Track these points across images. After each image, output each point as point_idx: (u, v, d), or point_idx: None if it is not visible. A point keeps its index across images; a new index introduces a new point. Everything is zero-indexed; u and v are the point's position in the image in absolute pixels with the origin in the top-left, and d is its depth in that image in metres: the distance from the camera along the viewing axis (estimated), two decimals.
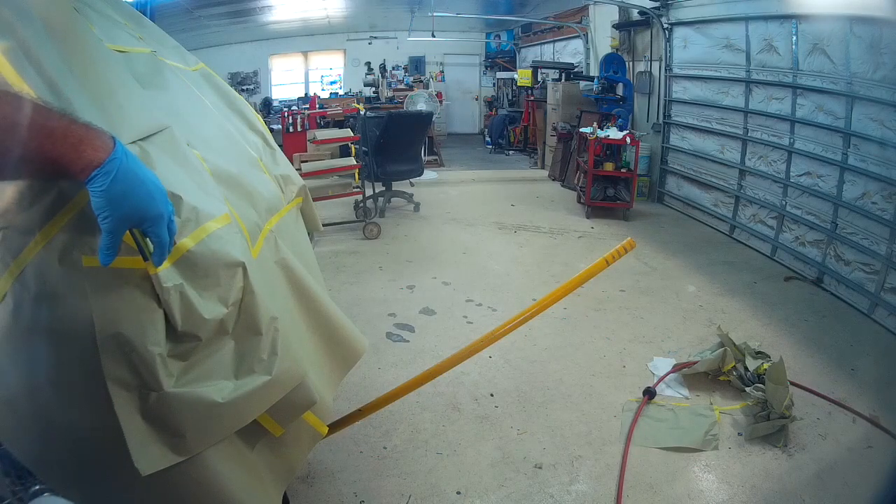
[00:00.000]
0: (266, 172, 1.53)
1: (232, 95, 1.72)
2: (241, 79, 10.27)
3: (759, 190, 4.63)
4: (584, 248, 4.62)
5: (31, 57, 0.87)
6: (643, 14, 5.88)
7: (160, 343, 0.93)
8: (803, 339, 3.04)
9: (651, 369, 2.73)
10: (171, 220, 0.84)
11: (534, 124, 8.84)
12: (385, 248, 4.54)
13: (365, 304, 3.42)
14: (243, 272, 1.04)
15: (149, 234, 0.81)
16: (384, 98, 8.82)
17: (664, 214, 5.75)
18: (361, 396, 2.23)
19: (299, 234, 1.66)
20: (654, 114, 6.09)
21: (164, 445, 0.93)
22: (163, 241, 0.82)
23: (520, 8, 9.30)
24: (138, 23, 1.47)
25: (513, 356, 2.83)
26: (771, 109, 4.42)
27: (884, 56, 3.32)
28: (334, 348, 1.48)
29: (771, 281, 3.95)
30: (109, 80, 1.07)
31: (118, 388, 0.90)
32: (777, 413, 2.21)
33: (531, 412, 2.41)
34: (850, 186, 3.64)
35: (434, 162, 8.22)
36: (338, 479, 1.99)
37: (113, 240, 0.76)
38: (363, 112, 5.15)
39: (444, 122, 10.56)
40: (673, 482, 2.01)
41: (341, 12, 9.37)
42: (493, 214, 5.57)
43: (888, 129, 3.33)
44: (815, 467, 2.09)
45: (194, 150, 1.18)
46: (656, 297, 3.61)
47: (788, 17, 4.10)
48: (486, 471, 2.05)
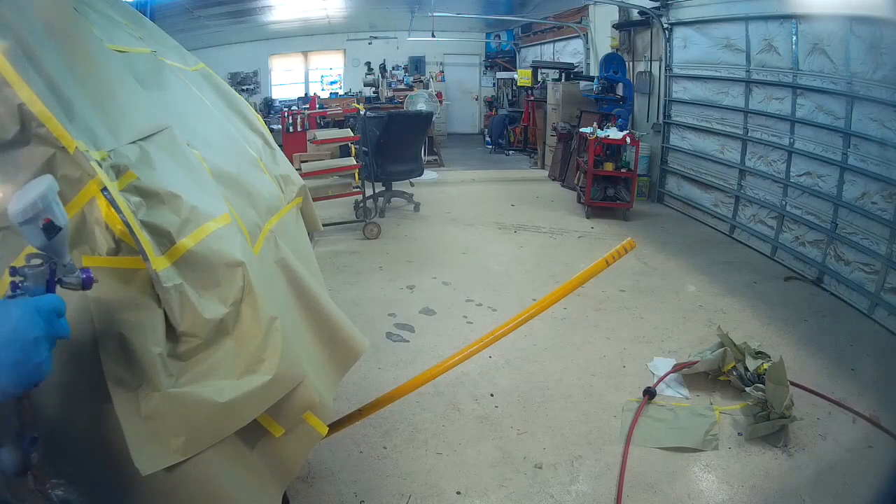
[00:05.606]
0: (266, 172, 1.53)
1: (232, 95, 1.72)
2: (241, 79, 10.26)
3: (759, 190, 4.63)
4: (584, 248, 4.62)
5: (31, 57, 0.87)
6: (643, 14, 5.88)
7: (160, 343, 0.93)
8: (803, 339, 3.04)
9: (651, 369, 2.73)
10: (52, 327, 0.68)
11: (534, 124, 8.84)
12: (385, 248, 4.54)
13: (365, 304, 3.42)
14: (243, 272, 1.04)
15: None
16: (384, 98, 8.82)
17: (664, 214, 5.75)
18: (361, 396, 2.23)
19: (299, 233, 1.66)
20: (654, 114, 6.09)
21: (164, 445, 0.93)
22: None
23: (520, 8, 9.30)
24: (138, 23, 1.47)
25: (513, 356, 2.82)
26: (771, 109, 4.42)
27: (884, 56, 3.32)
28: (334, 348, 1.48)
29: (771, 281, 3.95)
30: (110, 81, 1.07)
31: (118, 388, 0.90)
32: (777, 413, 2.20)
33: (531, 412, 2.41)
34: (850, 186, 3.64)
35: (434, 162, 8.22)
36: (338, 479, 1.99)
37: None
38: (363, 112, 5.15)
39: (444, 122, 10.55)
40: (673, 482, 2.01)
41: (341, 12, 9.36)
42: (493, 214, 5.57)
43: (888, 129, 3.33)
44: (815, 467, 2.09)
45: (194, 149, 1.19)
46: (656, 297, 3.61)
47: (788, 17, 4.10)
48: (486, 471, 2.05)
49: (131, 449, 0.89)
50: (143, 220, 0.93)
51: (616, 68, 6.41)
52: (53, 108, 0.86)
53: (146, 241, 0.91)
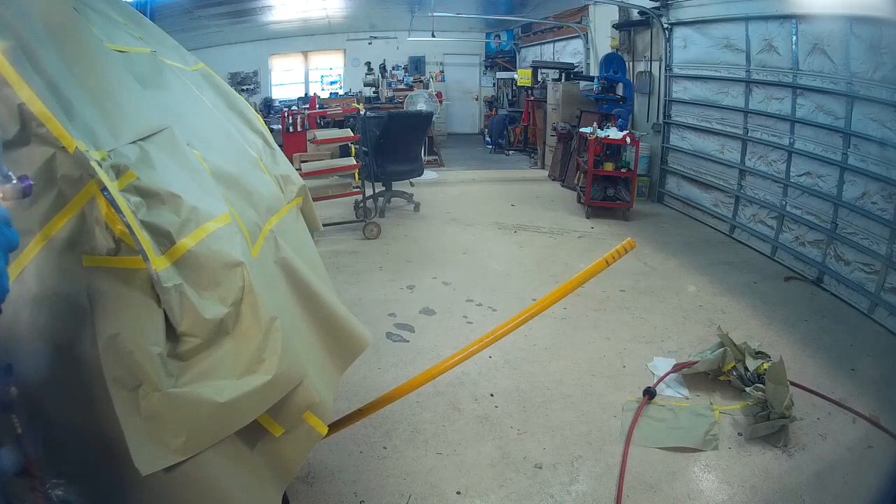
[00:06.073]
0: (266, 172, 1.53)
1: (232, 95, 1.72)
2: (241, 79, 10.26)
3: (759, 190, 4.63)
4: (584, 248, 4.62)
5: (31, 57, 0.87)
6: (643, 14, 5.88)
7: (160, 343, 0.93)
8: (803, 339, 3.04)
9: (651, 369, 2.73)
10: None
11: (534, 124, 8.84)
12: (385, 248, 4.54)
13: (365, 304, 3.42)
14: (243, 272, 1.04)
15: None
16: (384, 98, 8.82)
17: (664, 214, 5.75)
18: (361, 396, 2.23)
19: (301, 232, 1.66)
20: (654, 114, 6.08)
21: (164, 445, 0.93)
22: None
23: (520, 8, 9.30)
24: (138, 23, 1.47)
25: (513, 356, 2.82)
26: (771, 109, 4.42)
27: (884, 56, 3.32)
28: (336, 346, 1.48)
29: (771, 281, 3.95)
30: (109, 80, 1.07)
31: (118, 388, 0.90)
32: (777, 413, 2.20)
33: (531, 412, 2.41)
34: (850, 186, 3.64)
35: (434, 162, 8.22)
36: (338, 479, 1.99)
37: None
38: (363, 112, 5.15)
39: (444, 122, 10.54)
40: (673, 482, 2.01)
41: (341, 12, 9.36)
42: (493, 214, 5.57)
43: (888, 129, 3.33)
44: (815, 467, 2.09)
45: (194, 149, 1.19)
46: (656, 297, 3.61)
47: (788, 17, 4.10)
48: (486, 471, 2.05)
49: (131, 449, 0.89)
50: (143, 220, 0.93)
51: (616, 68, 6.41)
52: (53, 108, 0.86)
53: (146, 241, 0.91)
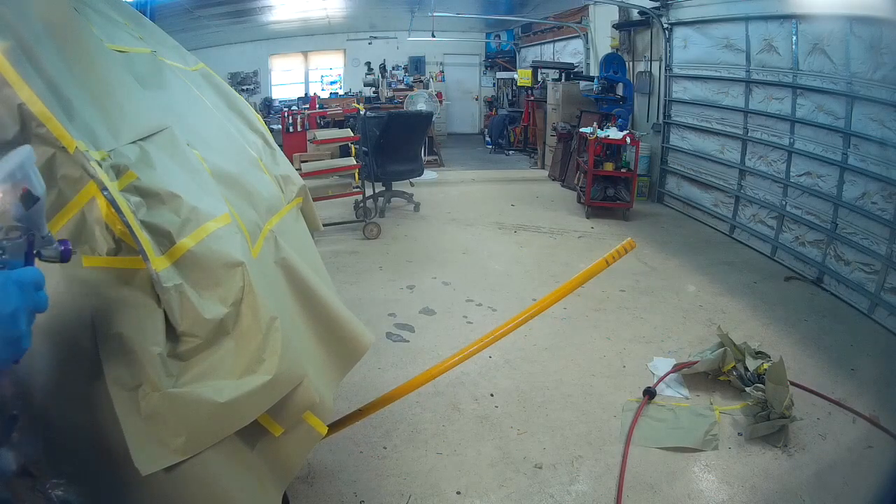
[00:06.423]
0: (266, 172, 1.53)
1: (232, 95, 1.72)
2: (241, 79, 10.26)
3: (759, 190, 4.63)
4: (584, 248, 4.62)
5: (31, 57, 0.87)
6: (643, 14, 5.88)
7: (160, 343, 0.93)
8: (803, 339, 3.04)
9: (651, 369, 2.73)
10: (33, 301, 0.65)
11: (534, 124, 8.84)
12: (385, 248, 4.54)
13: (365, 304, 3.42)
14: (243, 272, 1.04)
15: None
16: (384, 98, 8.82)
17: (664, 214, 5.75)
18: (361, 396, 2.23)
19: (301, 232, 1.66)
20: (654, 114, 6.08)
21: (164, 445, 0.93)
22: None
23: (520, 8, 9.30)
24: (138, 23, 1.47)
25: (513, 356, 2.82)
26: (771, 109, 4.42)
27: (884, 56, 3.32)
28: (337, 346, 1.48)
29: (771, 281, 3.95)
30: (109, 80, 1.07)
31: (118, 388, 0.90)
32: (777, 413, 2.20)
33: (531, 412, 2.41)
34: (850, 186, 3.64)
35: (434, 162, 8.22)
36: (338, 479, 1.99)
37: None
38: (363, 112, 5.15)
39: (444, 122, 10.54)
40: (673, 482, 2.01)
41: (341, 12, 9.36)
42: (493, 214, 5.57)
43: (888, 129, 3.33)
44: (815, 467, 2.09)
45: (194, 149, 1.19)
46: (656, 297, 3.61)
47: (788, 17, 4.10)
48: (486, 471, 2.05)
49: (131, 449, 0.89)
50: (143, 220, 0.93)
51: (616, 68, 6.41)
52: (53, 108, 0.86)
53: (146, 241, 0.91)
